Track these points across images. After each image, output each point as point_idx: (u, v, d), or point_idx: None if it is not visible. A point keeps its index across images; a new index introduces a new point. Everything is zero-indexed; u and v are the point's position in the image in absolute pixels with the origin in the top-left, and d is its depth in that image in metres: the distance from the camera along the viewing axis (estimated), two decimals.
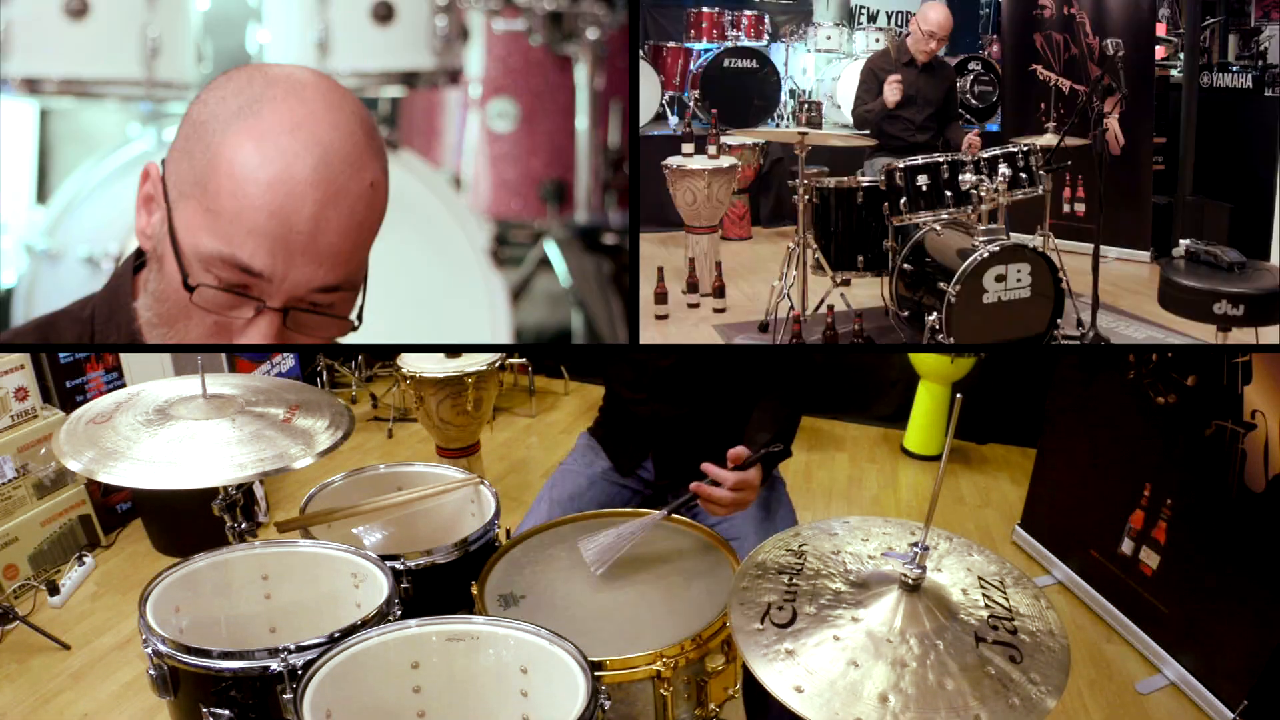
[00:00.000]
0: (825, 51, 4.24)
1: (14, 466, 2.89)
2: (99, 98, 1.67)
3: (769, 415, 1.71)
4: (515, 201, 1.92)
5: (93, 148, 1.78)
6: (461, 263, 1.79)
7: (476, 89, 1.91)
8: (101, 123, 1.83)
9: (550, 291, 1.93)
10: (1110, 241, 3.22)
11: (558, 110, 1.90)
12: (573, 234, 1.89)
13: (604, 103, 1.90)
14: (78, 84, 1.65)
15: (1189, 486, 2.48)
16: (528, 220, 1.92)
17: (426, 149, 1.96)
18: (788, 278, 2.65)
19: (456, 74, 1.85)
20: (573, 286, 1.87)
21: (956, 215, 2.45)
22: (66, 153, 1.82)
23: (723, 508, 1.54)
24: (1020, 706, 0.98)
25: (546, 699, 1.26)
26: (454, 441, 3.30)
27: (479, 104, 1.91)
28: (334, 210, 0.90)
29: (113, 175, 1.71)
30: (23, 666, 2.57)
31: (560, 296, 1.91)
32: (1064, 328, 2.34)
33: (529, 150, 1.91)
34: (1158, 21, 3.20)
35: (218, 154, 0.89)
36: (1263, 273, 2.11)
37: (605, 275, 1.87)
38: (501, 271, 1.82)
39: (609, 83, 1.92)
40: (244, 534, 1.65)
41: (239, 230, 0.89)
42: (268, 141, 0.89)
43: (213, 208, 0.89)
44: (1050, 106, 3.36)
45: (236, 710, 1.28)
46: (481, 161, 1.93)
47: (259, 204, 0.88)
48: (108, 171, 1.71)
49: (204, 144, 0.90)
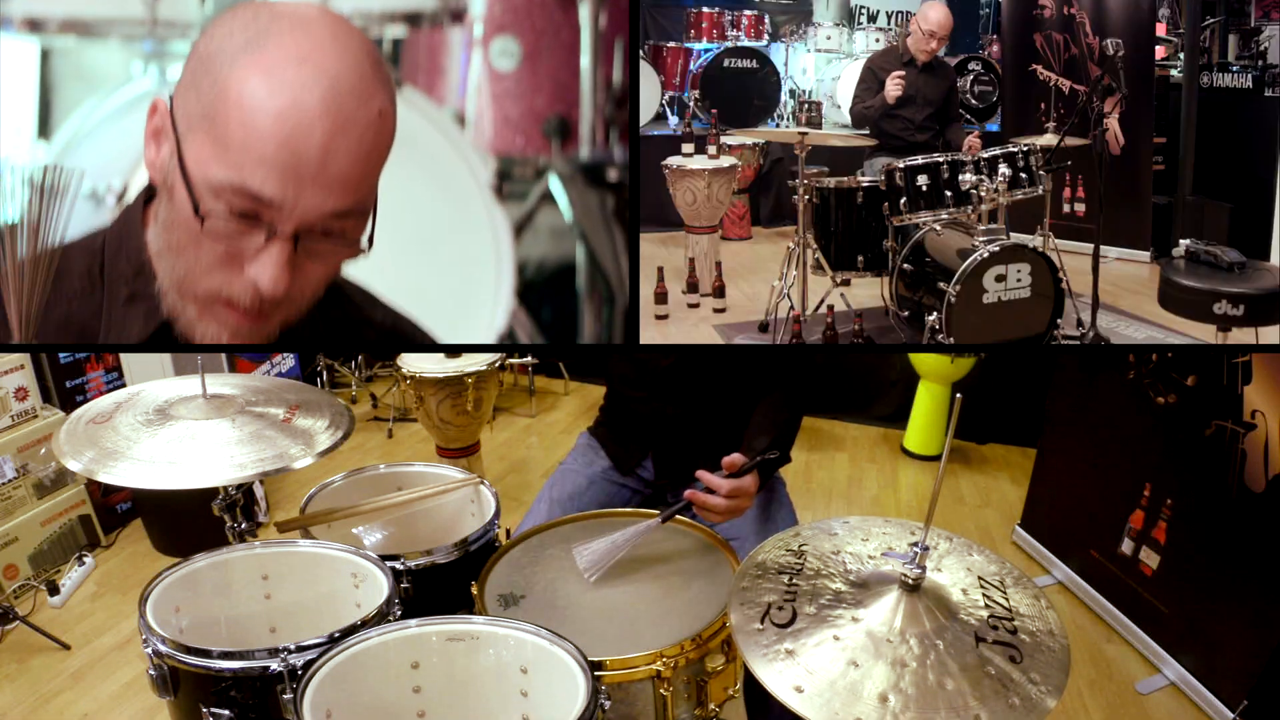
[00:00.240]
0: (825, 51, 4.24)
1: (14, 466, 2.89)
2: (101, 37, 1.68)
3: (768, 420, 1.70)
4: (519, 138, 1.93)
5: (95, 86, 1.78)
6: (466, 198, 1.81)
7: (479, 27, 1.93)
8: (104, 61, 1.83)
9: (554, 226, 1.94)
10: (1110, 241, 3.22)
11: (561, 48, 1.91)
12: (576, 170, 1.91)
13: (608, 40, 1.92)
14: (80, 23, 1.66)
15: (1189, 486, 2.48)
16: (531, 156, 1.93)
17: (430, 87, 1.98)
18: (788, 278, 2.65)
19: (460, 13, 1.87)
20: (576, 221, 1.89)
21: (956, 215, 2.45)
22: (69, 91, 1.82)
23: (718, 515, 1.55)
24: (1020, 706, 0.98)
25: (546, 699, 1.26)
26: (454, 441, 3.30)
27: (482, 42, 1.93)
28: (343, 139, 0.92)
29: (115, 113, 1.71)
30: (23, 666, 2.57)
31: (564, 231, 1.93)
32: (1064, 328, 2.34)
33: (532, 88, 1.93)
34: (1158, 21, 3.20)
35: (225, 87, 0.90)
36: (1263, 273, 2.11)
37: (609, 210, 1.88)
38: (505, 206, 1.84)
39: (612, 21, 1.93)
40: (244, 534, 1.65)
41: (249, 159, 0.90)
42: (275, 73, 0.90)
43: (222, 139, 0.90)
44: (1050, 106, 3.36)
45: (236, 710, 1.28)
46: (485, 99, 1.94)
47: (268, 134, 0.89)
48: (110, 109, 1.72)
49: (211, 78, 0.91)
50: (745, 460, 1.56)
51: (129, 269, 1.03)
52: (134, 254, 1.03)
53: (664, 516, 1.56)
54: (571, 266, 1.94)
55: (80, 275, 1.04)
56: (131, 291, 1.03)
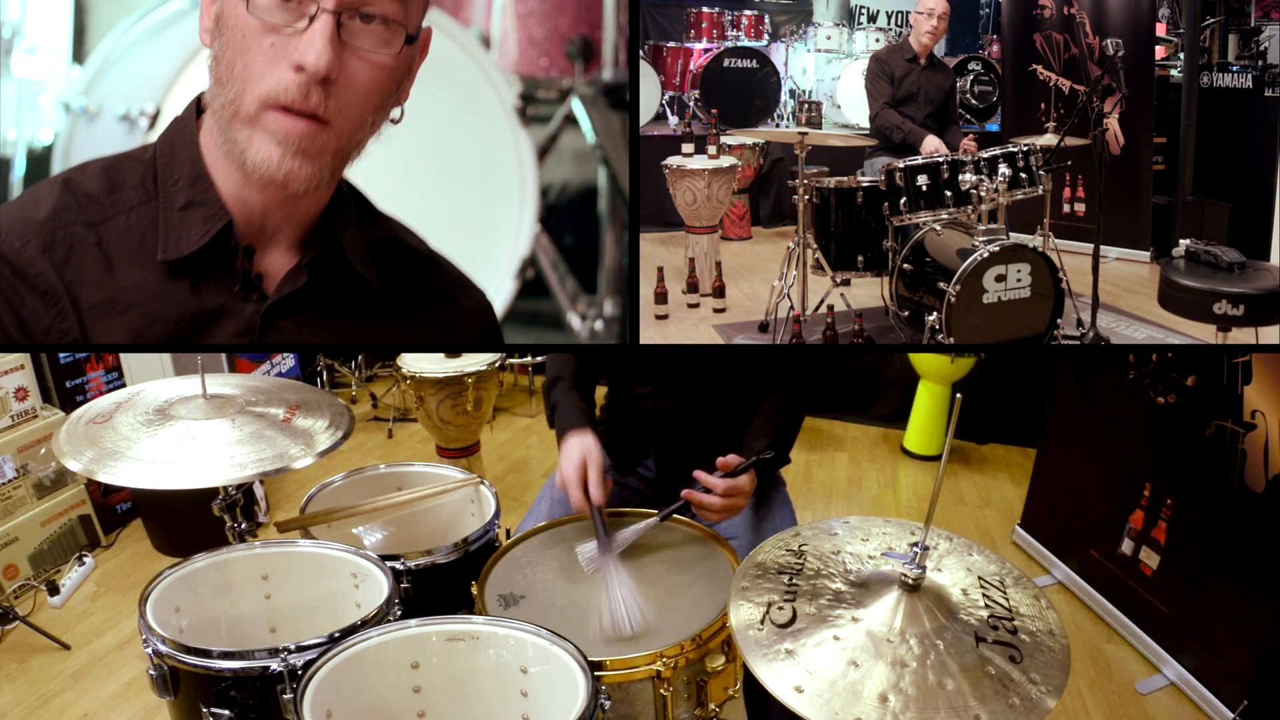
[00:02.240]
0: (825, 51, 4.24)
1: (14, 466, 2.89)
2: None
3: (769, 421, 1.71)
4: (543, 59, 1.94)
5: (129, 7, 1.79)
6: (491, 121, 1.81)
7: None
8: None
9: (576, 148, 1.95)
10: (1110, 241, 3.22)
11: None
12: (598, 91, 1.92)
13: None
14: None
15: (1189, 486, 2.48)
16: (555, 78, 1.94)
17: (456, 8, 1.98)
18: (788, 278, 2.65)
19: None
20: (598, 143, 1.89)
21: (956, 215, 2.45)
22: (103, 12, 1.84)
23: (714, 514, 1.56)
24: (1020, 706, 0.98)
25: (546, 699, 1.26)
26: (454, 441, 3.30)
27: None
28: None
29: (148, 33, 1.73)
30: (23, 666, 2.57)
31: (586, 153, 1.94)
32: (1064, 328, 2.34)
33: (556, 8, 1.94)
34: (1158, 21, 3.20)
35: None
36: (1263, 273, 2.11)
37: (630, 133, 1.88)
38: (529, 129, 1.84)
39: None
40: (244, 534, 1.65)
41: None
42: None
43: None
44: (1050, 106, 3.36)
45: (236, 710, 1.28)
46: (509, 20, 1.95)
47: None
48: (144, 30, 1.73)
49: None
50: (741, 460, 1.57)
51: (185, 177, 1.06)
52: (189, 162, 1.06)
53: (662, 515, 1.57)
54: (594, 190, 1.94)
55: (134, 187, 1.06)
56: (189, 199, 1.05)
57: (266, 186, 1.04)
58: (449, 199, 1.81)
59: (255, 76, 0.99)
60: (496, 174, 1.83)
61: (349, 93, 1.01)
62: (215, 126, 1.04)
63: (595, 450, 1.63)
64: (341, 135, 1.03)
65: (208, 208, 1.05)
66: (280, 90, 0.98)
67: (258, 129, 1.00)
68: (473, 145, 1.81)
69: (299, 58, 0.97)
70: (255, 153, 1.00)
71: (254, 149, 1.00)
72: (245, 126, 1.00)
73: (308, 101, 0.98)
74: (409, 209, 1.23)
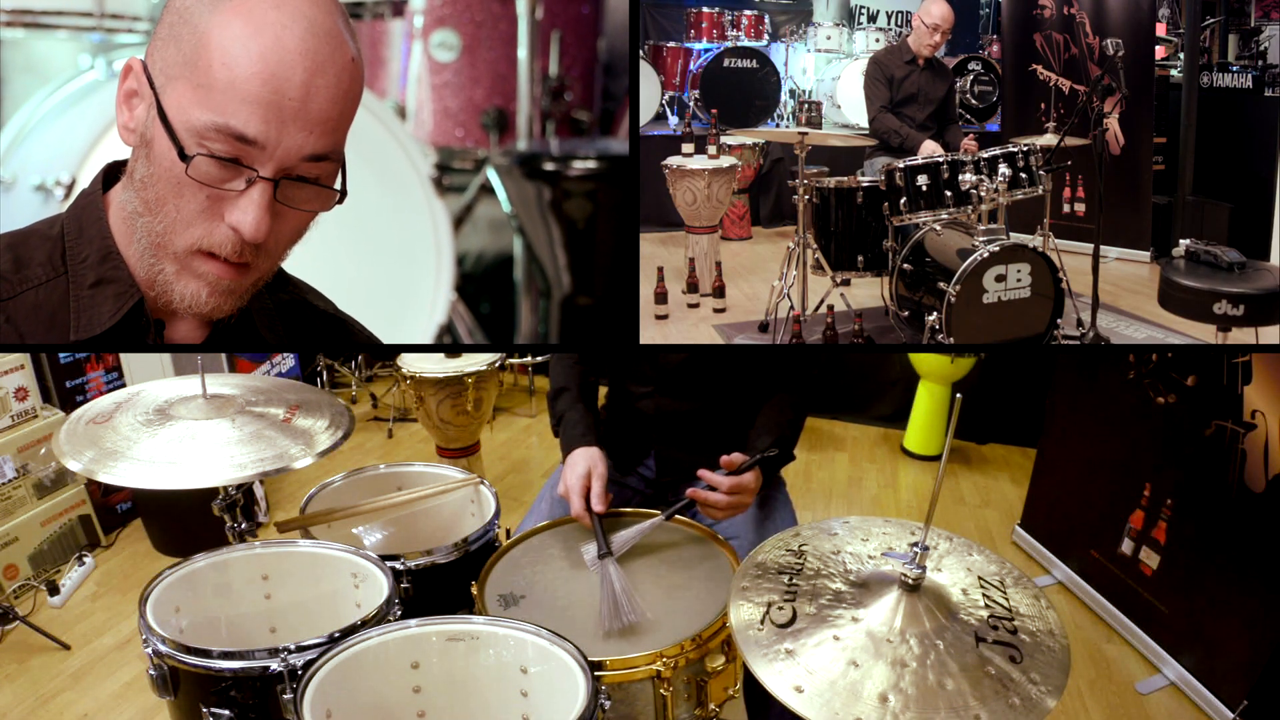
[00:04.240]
0: (825, 51, 4.24)
1: (14, 466, 2.89)
2: (50, 29, 1.72)
3: (772, 420, 1.72)
4: (458, 130, 1.99)
5: (44, 78, 1.80)
6: (407, 191, 1.84)
7: (419, 20, 1.98)
8: (52, 53, 1.85)
9: (492, 218, 1.99)
10: (1110, 241, 3.23)
11: (499, 40, 1.97)
12: (513, 161, 1.95)
13: (544, 33, 1.98)
14: (29, 15, 1.69)
15: (1189, 486, 2.48)
16: (470, 148, 1.99)
17: (372, 80, 2.02)
18: (788, 278, 2.65)
19: (400, 5, 1.93)
20: (513, 213, 1.92)
21: (956, 215, 2.45)
22: (18, 83, 1.85)
23: (719, 512, 1.57)
24: (1020, 706, 0.98)
25: (546, 699, 1.26)
26: (454, 441, 3.30)
27: (422, 35, 1.98)
28: (322, 78, 0.94)
29: (63, 104, 1.73)
30: (23, 666, 2.57)
31: (502, 223, 1.98)
32: (1064, 328, 2.34)
33: (471, 80, 1.98)
34: (1158, 21, 3.20)
35: (206, 34, 0.93)
36: (1263, 273, 2.11)
37: (545, 202, 1.90)
38: (445, 199, 1.87)
39: (549, 13, 1.99)
40: (244, 534, 1.65)
41: (232, 99, 0.92)
42: (255, 15, 0.93)
43: (204, 83, 0.93)
44: (1050, 106, 3.36)
45: (236, 710, 1.28)
46: (425, 91, 2.00)
47: (251, 73, 0.92)
48: (58, 101, 1.74)
49: (190, 27, 0.94)
50: (745, 459, 1.57)
51: (94, 254, 1.04)
52: (98, 239, 1.04)
53: (666, 514, 1.57)
54: (509, 258, 1.98)
55: (41, 264, 1.04)
56: (99, 276, 1.03)
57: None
58: (366, 268, 1.83)
59: (187, 222, 0.97)
60: (413, 243, 1.85)
61: (276, 238, 1.01)
62: (136, 229, 1.01)
63: (601, 463, 1.64)
64: (265, 271, 1.04)
65: (118, 285, 1.03)
66: (214, 245, 0.97)
67: (186, 270, 0.99)
68: (389, 215, 1.83)
69: (235, 222, 0.96)
70: (183, 288, 1.00)
71: (181, 286, 1.00)
72: (173, 263, 0.99)
73: (240, 256, 0.98)
74: (326, 279, 1.23)
